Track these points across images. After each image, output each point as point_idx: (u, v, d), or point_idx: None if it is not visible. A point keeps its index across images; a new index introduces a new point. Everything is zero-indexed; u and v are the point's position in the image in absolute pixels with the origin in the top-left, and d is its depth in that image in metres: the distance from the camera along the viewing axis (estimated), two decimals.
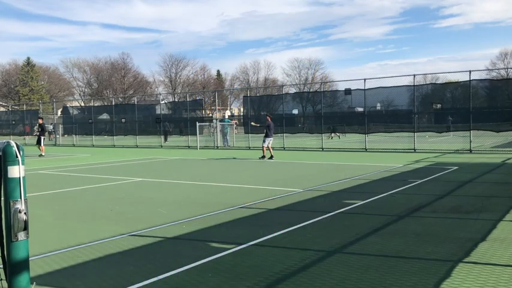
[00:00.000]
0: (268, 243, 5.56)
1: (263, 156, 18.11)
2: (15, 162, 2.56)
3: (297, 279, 4.25)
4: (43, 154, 22.72)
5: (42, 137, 23.11)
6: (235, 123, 33.29)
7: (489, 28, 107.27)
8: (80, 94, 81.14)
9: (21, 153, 2.59)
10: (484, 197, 8.52)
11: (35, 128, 40.80)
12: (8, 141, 2.61)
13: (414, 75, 21.48)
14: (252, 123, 22.75)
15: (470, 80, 20.16)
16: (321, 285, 4.07)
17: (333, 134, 33.31)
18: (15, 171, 2.56)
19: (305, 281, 4.19)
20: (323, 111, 25.62)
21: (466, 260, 4.73)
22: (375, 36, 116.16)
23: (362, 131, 23.25)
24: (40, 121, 24.19)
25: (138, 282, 4.20)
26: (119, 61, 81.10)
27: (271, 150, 18.35)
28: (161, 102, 39.47)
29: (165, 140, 32.62)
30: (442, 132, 25.48)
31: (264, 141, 18.24)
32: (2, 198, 2.66)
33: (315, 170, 14.23)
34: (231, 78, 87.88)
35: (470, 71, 20.01)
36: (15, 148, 2.58)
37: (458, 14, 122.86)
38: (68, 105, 63.07)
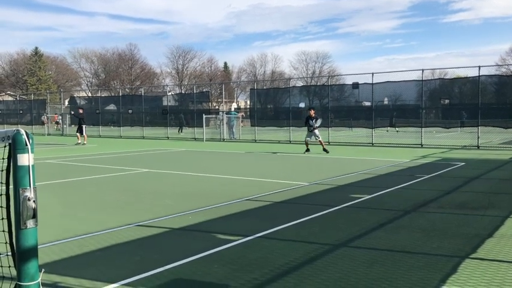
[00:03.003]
0: (273, 235, 5.57)
1: (307, 150, 17.58)
2: (24, 150, 2.58)
3: (303, 272, 4.26)
4: (85, 142, 23.54)
5: (83, 126, 24.07)
6: (242, 115, 33.22)
7: (499, 23, 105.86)
8: (87, 84, 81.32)
9: (30, 142, 2.61)
10: (491, 193, 8.48)
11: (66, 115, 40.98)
12: (18, 130, 2.63)
13: (422, 70, 21.32)
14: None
15: (479, 76, 19.98)
16: (326, 278, 4.07)
17: (388, 128, 29.24)
18: (24, 159, 2.58)
19: (310, 273, 4.20)
20: (330, 105, 25.53)
21: (473, 256, 4.71)
22: (382, 30, 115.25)
23: (369, 126, 23.17)
24: (81, 111, 25.91)
25: (144, 272, 4.22)
26: (127, 52, 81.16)
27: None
28: (168, 94, 39.47)
29: (181, 131, 32.73)
30: (450, 128, 25.32)
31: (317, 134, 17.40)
32: (11, 186, 2.68)
33: (321, 163, 14.21)
34: (238, 71, 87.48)
35: (479, 67, 19.81)
36: (24, 136, 2.59)
37: (467, 9, 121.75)
38: (75, 96, 63.43)
